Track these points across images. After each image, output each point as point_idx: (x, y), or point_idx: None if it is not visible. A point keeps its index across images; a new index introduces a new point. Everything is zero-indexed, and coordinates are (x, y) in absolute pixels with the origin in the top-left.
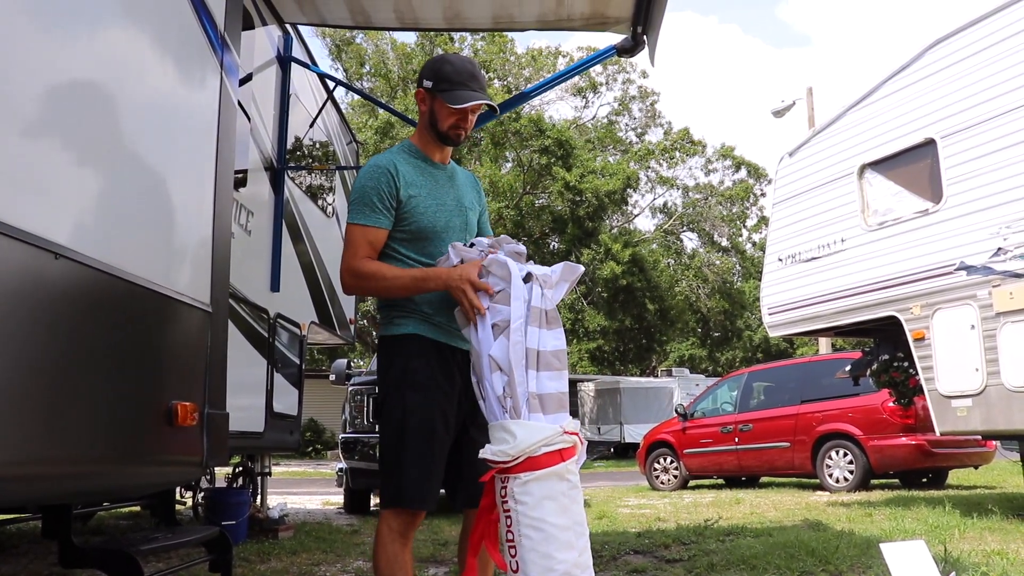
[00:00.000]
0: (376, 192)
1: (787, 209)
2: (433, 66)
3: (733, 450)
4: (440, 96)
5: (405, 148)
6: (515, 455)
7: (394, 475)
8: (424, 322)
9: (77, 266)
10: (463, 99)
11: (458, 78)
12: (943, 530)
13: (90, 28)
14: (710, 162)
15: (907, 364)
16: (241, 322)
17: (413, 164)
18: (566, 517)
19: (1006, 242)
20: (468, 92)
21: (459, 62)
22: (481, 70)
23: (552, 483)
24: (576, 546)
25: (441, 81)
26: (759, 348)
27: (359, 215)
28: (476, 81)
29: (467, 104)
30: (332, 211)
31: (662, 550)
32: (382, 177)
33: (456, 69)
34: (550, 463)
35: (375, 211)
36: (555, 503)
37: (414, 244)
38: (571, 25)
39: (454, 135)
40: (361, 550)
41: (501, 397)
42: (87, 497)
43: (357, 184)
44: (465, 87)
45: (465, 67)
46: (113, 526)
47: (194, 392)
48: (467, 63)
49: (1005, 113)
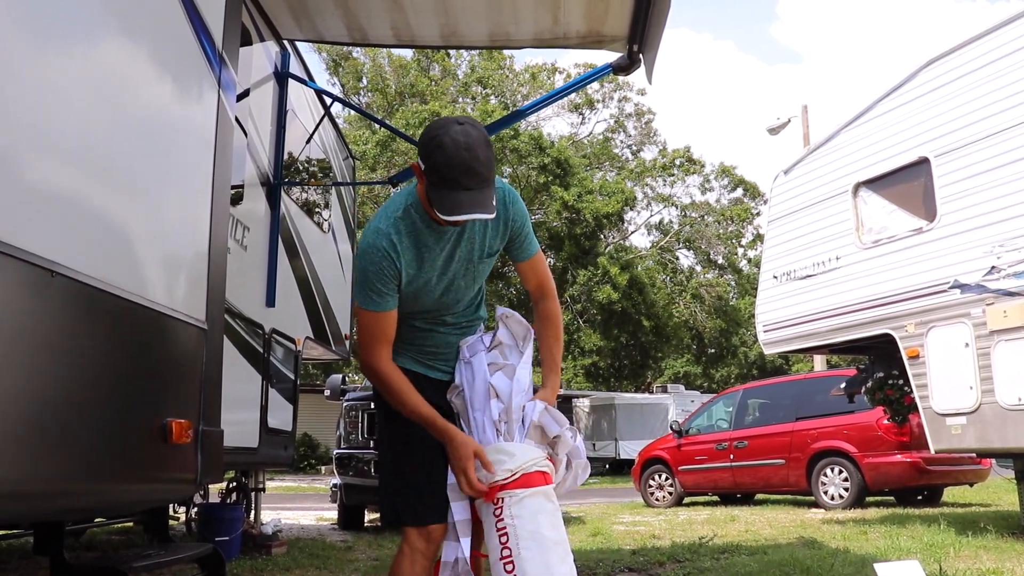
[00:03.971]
0: (379, 277)
1: (782, 227)
2: (426, 147)
3: (728, 467)
4: (430, 190)
5: (410, 210)
6: (514, 470)
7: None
8: (412, 359)
9: (73, 284)
10: (448, 209)
11: (449, 173)
12: (938, 548)
13: (87, 44)
14: (707, 180)
15: (902, 382)
16: (236, 337)
17: (415, 233)
18: (556, 532)
19: (1000, 260)
20: (459, 196)
21: (453, 150)
22: (487, 146)
23: (541, 501)
24: (567, 562)
25: (431, 172)
26: (754, 365)
27: (367, 301)
28: (473, 175)
29: (451, 219)
30: (328, 227)
31: (656, 568)
32: (383, 262)
33: (448, 160)
34: (541, 482)
35: (381, 296)
36: (547, 518)
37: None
38: (567, 43)
39: (449, 224)
40: (355, 567)
41: (496, 421)
42: (80, 514)
43: (360, 264)
44: (456, 187)
45: (460, 158)
46: (106, 542)
47: (189, 409)
48: (463, 151)
49: (999, 132)
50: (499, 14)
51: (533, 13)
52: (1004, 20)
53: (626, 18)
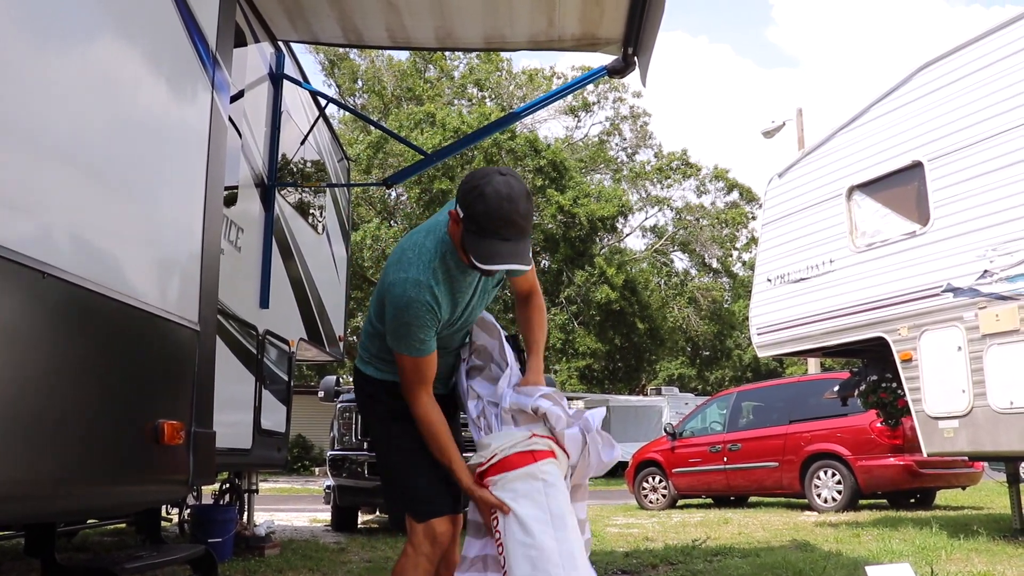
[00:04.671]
0: (421, 328)
1: (776, 230)
2: (467, 196)
3: (722, 469)
4: (467, 238)
5: (443, 254)
6: (488, 456)
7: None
8: None
9: (64, 285)
10: (488, 259)
11: (488, 224)
12: (930, 551)
13: (79, 45)
14: (703, 184)
15: (895, 385)
16: (230, 339)
17: (450, 279)
18: (540, 510)
19: (992, 264)
20: (498, 246)
21: (495, 200)
22: (528, 200)
23: (527, 482)
24: (555, 536)
25: (470, 221)
26: (748, 367)
27: (411, 350)
28: (511, 227)
29: (491, 268)
30: (322, 228)
31: (649, 570)
32: (427, 315)
33: (489, 210)
34: (522, 463)
35: (424, 343)
36: (530, 500)
37: None
38: (562, 46)
39: (484, 273)
40: (348, 568)
41: (476, 419)
42: (72, 516)
43: (400, 317)
44: (496, 236)
45: (501, 209)
46: (98, 543)
47: (181, 411)
48: (504, 203)
49: (992, 136)
50: (494, 16)
51: (528, 16)
52: (998, 24)
53: (621, 21)
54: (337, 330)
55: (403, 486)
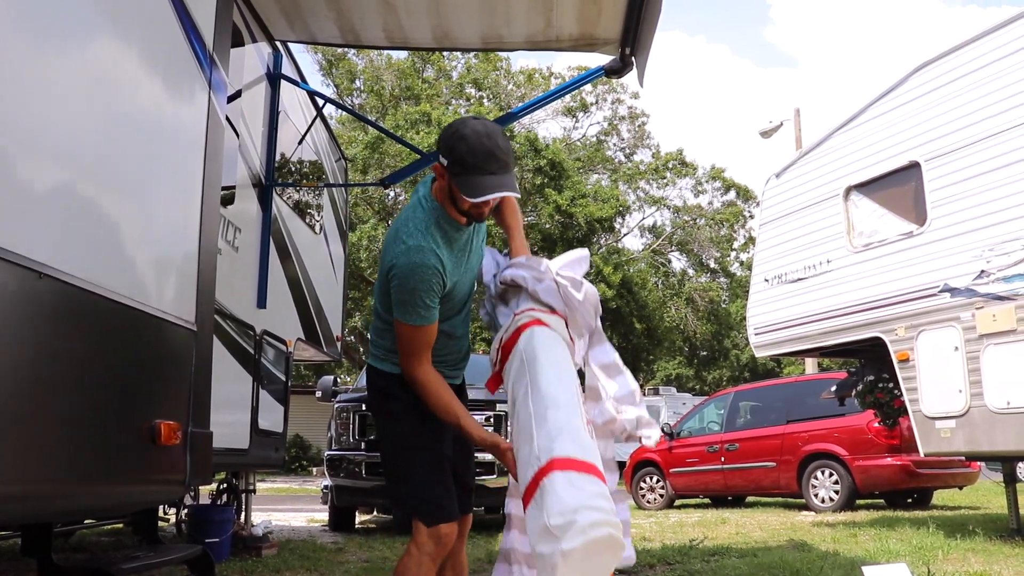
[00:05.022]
0: (428, 294)
1: (774, 230)
2: (448, 142)
3: (719, 469)
4: (455, 180)
5: (436, 218)
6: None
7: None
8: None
9: (61, 285)
10: (477, 191)
11: (473, 160)
12: (927, 551)
13: (76, 45)
14: (700, 183)
15: (892, 385)
16: (227, 339)
17: (448, 240)
18: (554, 354)
19: (989, 264)
20: (485, 179)
21: (475, 139)
22: (504, 137)
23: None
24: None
25: (455, 163)
26: (746, 367)
27: (413, 317)
28: (495, 161)
29: (482, 199)
30: (320, 228)
31: (647, 570)
32: (433, 278)
33: (471, 148)
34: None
35: (428, 311)
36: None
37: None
38: (560, 46)
39: (476, 213)
40: (345, 568)
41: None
42: (69, 516)
43: (406, 284)
44: (481, 172)
45: (482, 145)
46: (95, 543)
47: (178, 411)
48: (484, 138)
49: (989, 137)
50: (491, 16)
51: (526, 16)
52: (995, 25)
53: (618, 21)
54: (335, 330)
55: (413, 489)
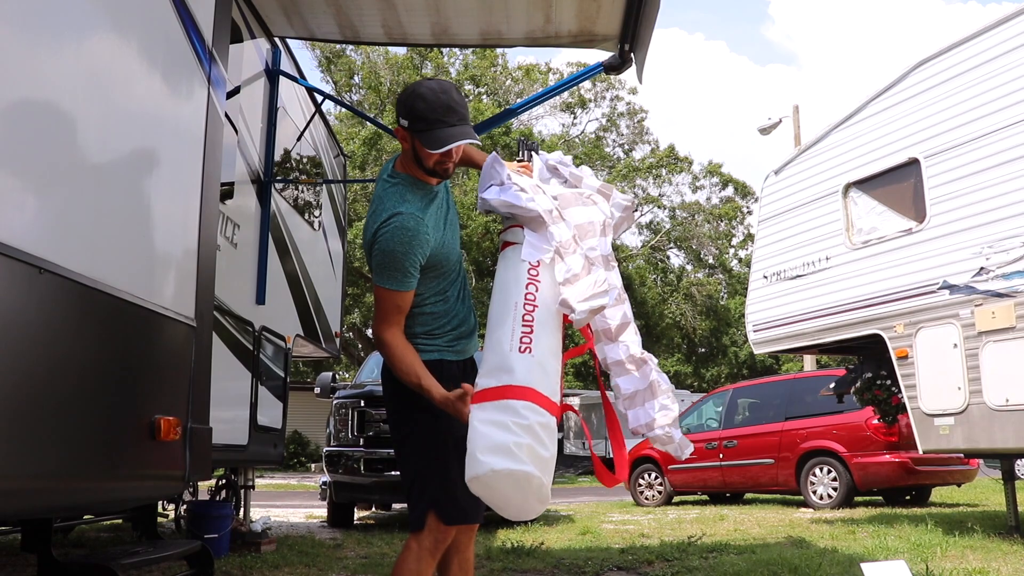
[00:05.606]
0: (410, 257)
1: (773, 227)
2: (406, 103)
3: (717, 466)
4: (418, 137)
5: (407, 186)
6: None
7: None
8: (448, 349)
9: (61, 280)
10: (441, 142)
11: (433, 115)
12: (925, 548)
13: (75, 41)
14: (697, 179)
15: (890, 382)
16: (226, 335)
17: (424, 205)
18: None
19: (988, 262)
20: (446, 131)
21: (432, 96)
22: (458, 92)
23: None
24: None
25: (416, 121)
26: (744, 364)
27: (391, 281)
28: (453, 113)
29: (445, 148)
30: (319, 225)
31: (645, 567)
32: (414, 240)
33: (430, 105)
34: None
35: (407, 276)
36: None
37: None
38: (559, 42)
39: (441, 170)
40: (344, 564)
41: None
42: (68, 511)
43: (388, 248)
44: (442, 124)
45: (439, 100)
46: (94, 539)
47: (177, 406)
48: (440, 94)
49: (988, 134)
50: (491, 13)
51: (525, 12)
52: (994, 21)
53: (618, 17)
54: (333, 326)
55: (444, 488)
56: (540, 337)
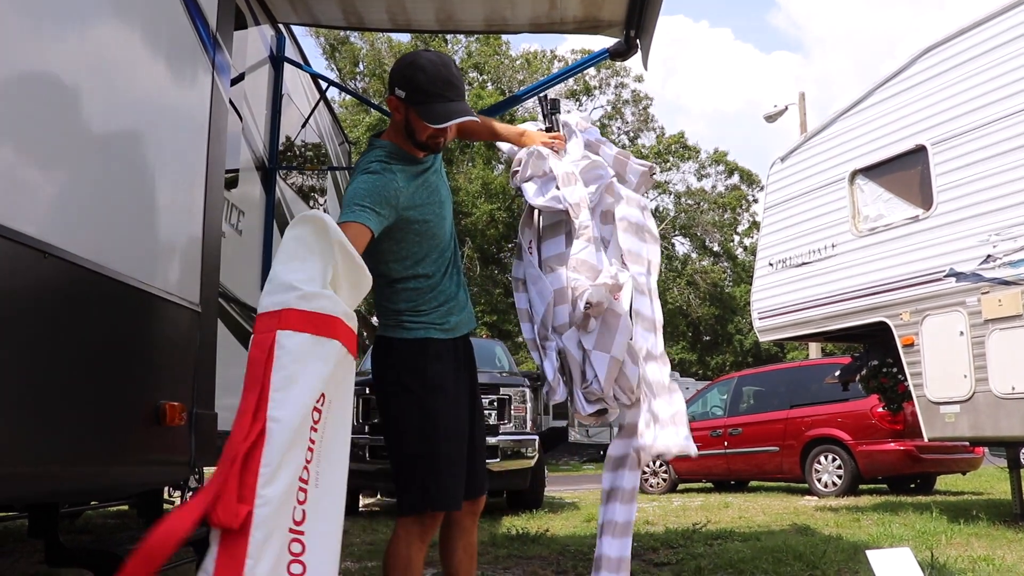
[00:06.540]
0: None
1: (778, 214)
2: (405, 73)
3: (722, 454)
4: (415, 109)
5: (393, 155)
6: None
7: (427, 480)
8: (435, 326)
9: (66, 265)
10: (442, 117)
11: (433, 88)
12: (930, 536)
13: (79, 27)
14: (703, 167)
15: (896, 370)
16: (231, 321)
17: (406, 175)
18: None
19: (995, 249)
20: (446, 106)
21: (432, 68)
22: (457, 69)
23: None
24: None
25: (415, 92)
26: (749, 352)
27: (348, 212)
28: (453, 88)
29: (447, 124)
30: (324, 212)
31: (650, 554)
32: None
33: (430, 78)
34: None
35: (363, 209)
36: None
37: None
38: (564, 28)
39: (432, 144)
40: (349, 551)
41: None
42: (74, 496)
43: (353, 185)
44: (442, 99)
45: (440, 74)
46: (101, 526)
47: (182, 392)
48: (441, 68)
49: (996, 121)
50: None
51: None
52: (1002, 8)
53: (623, 3)
54: None
55: (433, 475)
56: None
